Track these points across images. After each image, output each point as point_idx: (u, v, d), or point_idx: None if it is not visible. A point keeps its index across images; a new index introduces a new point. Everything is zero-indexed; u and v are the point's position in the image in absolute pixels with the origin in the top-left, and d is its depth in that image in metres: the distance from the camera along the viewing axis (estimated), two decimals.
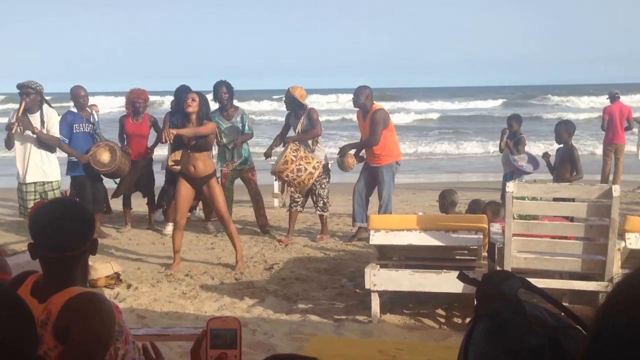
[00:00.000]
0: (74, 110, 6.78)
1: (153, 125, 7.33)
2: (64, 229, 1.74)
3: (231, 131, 6.87)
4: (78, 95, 6.76)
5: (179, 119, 5.78)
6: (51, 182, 6.07)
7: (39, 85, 5.99)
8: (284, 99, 7.01)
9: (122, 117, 7.41)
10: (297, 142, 6.54)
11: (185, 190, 5.69)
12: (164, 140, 5.92)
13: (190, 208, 6.95)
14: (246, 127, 6.96)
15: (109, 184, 7.31)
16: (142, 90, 7.33)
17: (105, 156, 6.67)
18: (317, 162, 6.44)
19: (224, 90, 6.87)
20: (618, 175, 10.02)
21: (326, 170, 6.79)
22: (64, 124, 6.56)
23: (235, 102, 7.14)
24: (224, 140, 6.83)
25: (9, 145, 6.05)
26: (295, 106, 6.76)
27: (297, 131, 6.73)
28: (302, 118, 6.67)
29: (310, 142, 6.68)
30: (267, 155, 7.22)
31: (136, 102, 7.19)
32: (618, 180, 9.69)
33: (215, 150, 6.72)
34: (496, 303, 1.92)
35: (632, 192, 9.80)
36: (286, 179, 6.50)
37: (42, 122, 5.96)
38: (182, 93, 6.34)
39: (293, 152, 6.35)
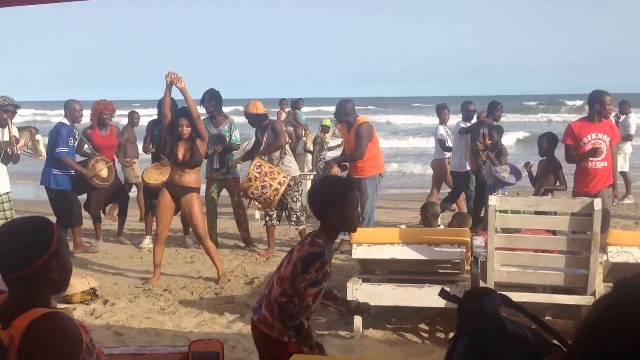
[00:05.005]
0: (66, 122, 6.67)
1: (118, 136, 7.29)
2: (16, 248, 1.67)
3: (216, 139, 6.84)
4: (74, 110, 6.70)
5: (166, 136, 5.70)
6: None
7: (13, 100, 5.93)
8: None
9: (86, 130, 7.30)
10: (262, 158, 6.45)
11: (165, 203, 5.64)
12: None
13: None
14: (233, 137, 6.90)
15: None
16: (110, 102, 7.27)
17: (104, 171, 6.73)
18: (284, 176, 6.33)
19: (207, 99, 6.86)
20: None
21: (297, 184, 6.72)
22: (63, 136, 6.49)
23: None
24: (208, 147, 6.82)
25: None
26: (257, 121, 6.68)
27: (263, 145, 6.65)
28: (267, 131, 6.63)
29: (278, 154, 6.62)
30: (233, 166, 7.06)
31: (103, 113, 7.12)
32: None
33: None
34: (477, 320, 1.87)
35: (614, 205, 9.84)
36: (252, 196, 6.42)
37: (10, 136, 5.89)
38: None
39: (256, 168, 6.24)
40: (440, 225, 5.87)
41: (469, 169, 8.11)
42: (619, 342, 0.69)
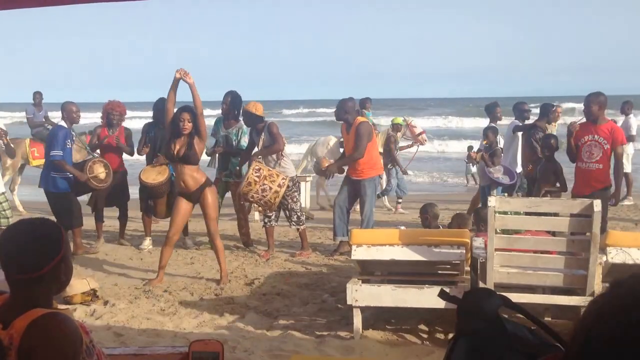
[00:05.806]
0: (64, 124, 6.68)
1: (127, 138, 7.27)
2: (31, 249, 1.67)
3: (223, 140, 6.88)
4: (71, 111, 6.71)
5: (166, 132, 5.70)
6: None
7: None
8: (242, 118, 6.92)
9: (96, 128, 7.34)
10: (260, 160, 6.45)
11: (183, 207, 5.67)
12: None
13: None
14: (241, 142, 6.92)
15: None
16: (119, 103, 7.27)
17: (102, 172, 6.73)
18: (283, 178, 6.32)
19: (227, 100, 6.89)
20: None
21: (296, 184, 6.73)
22: (59, 139, 6.50)
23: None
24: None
25: None
26: (253, 121, 6.65)
27: (259, 147, 6.64)
28: (263, 134, 6.62)
29: (274, 156, 6.62)
30: (237, 176, 7.10)
31: (110, 113, 7.12)
32: None
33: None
34: (477, 321, 1.88)
35: (611, 205, 9.83)
36: (252, 200, 6.42)
37: None
38: (161, 105, 6.27)
39: (255, 172, 6.22)
40: (440, 226, 5.88)
41: (519, 171, 7.66)
42: (616, 341, 0.69)
